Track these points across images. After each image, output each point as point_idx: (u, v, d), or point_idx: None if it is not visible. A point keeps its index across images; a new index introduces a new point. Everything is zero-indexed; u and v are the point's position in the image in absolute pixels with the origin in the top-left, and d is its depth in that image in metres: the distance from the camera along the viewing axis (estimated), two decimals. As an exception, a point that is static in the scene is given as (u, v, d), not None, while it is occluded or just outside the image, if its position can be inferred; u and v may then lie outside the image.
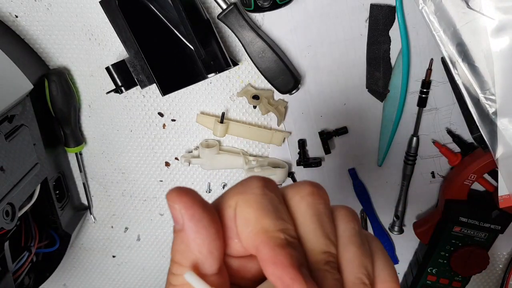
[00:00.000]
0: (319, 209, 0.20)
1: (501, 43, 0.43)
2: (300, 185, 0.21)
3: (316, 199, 0.21)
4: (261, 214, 0.19)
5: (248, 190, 0.20)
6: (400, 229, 0.62)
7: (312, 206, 0.20)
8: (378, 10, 0.48)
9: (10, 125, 0.47)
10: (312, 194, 0.21)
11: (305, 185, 0.21)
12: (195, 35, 0.47)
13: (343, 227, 0.21)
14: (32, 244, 0.56)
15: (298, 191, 0.21)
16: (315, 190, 0.21)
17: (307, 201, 0.20)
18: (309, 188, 0.21)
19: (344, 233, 0.21)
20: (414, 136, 0.55)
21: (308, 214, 0.20)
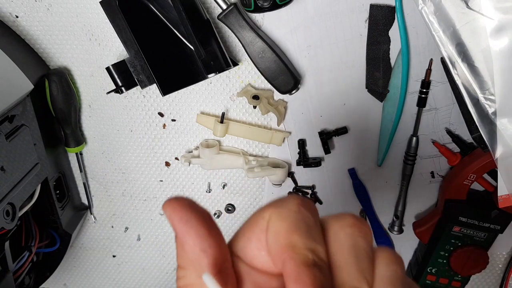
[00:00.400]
0: (358, 242, 0.19)
1: (501, 43, 0.43)
2: (343, 215, 0.20)
3: (357, 231, 0.20)
4: (292, 229, 0.19)
5: (284, 205, 0.20)
6: (399, 229, 0.62)
7: (351, 237, 0.19)
8: (378, 10, 0.48)
9: (11, 125, 0.48)
10: (354, 225, 0.20)
11: (348, 216, 0.20)
12: (195, 35, 0.47)
13: (384, 269, 0.19)
14: (33, 244, 0.56)
15: (339, 221, 0.20)
16: (358, 223, 0.20)
17: (346, 231, 0.20)
18: (352, 220, 0.20)
19: (384, 275, 0.19)
20: (413, 136, 0.55)
21: (345, 244, 0.19)
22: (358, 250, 0.19)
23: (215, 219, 0.67)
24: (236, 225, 0.66)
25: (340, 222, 0.20)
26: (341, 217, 0.20)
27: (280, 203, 0.20)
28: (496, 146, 0.46)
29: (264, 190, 0.63)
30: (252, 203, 0.64)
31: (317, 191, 0.62)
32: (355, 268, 0.19)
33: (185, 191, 0.64)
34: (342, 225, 0.20)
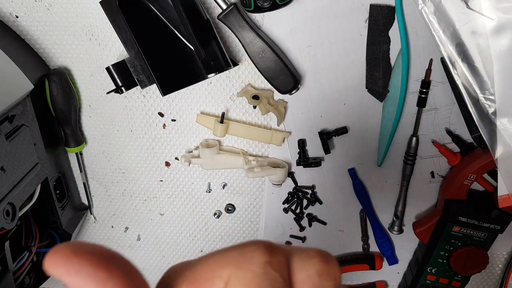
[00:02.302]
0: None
1: (501, 43, 0.43)
2: (308, 259, 0.18)
3: (325, 280, 0.18)
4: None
5: (247, 266, 0.17)
6: (399, 229, 0.62)
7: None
8: (378, 11, 0.48)
9: (11, 125, 0.48)
10: (321, 274, 0.18)
11: (314, 261, 0.18)
12: (195, 35, 0.47)
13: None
14: (33, 244, 0.56)
15: (304, 268, 0.18)
16: (325, 269, 0.18)
17: (313, 282, 0.18)
18: (318, 266, 0.18)
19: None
20: (413, 136, 0.55)
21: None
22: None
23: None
24: (236, 225, 0.66)
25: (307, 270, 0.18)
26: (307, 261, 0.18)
27: (241, 259, 0.17)
28: (496, 146, 0.46)
29: (264, 190, 0.63)
30: (252, 203, 0.64)
31: (317, 191, 0.62)
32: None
33: (185, 191, 0.64)
34: (309, 275, 0.18)
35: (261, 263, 0.17)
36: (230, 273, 0.16)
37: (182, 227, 0.68)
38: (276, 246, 0.18)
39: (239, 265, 0.17)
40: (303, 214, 0.63)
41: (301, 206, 0.63)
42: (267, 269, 0.16)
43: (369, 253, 0.66)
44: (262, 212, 0.64)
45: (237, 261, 0.17)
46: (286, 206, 0.63)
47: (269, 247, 0.17)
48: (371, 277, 0.68)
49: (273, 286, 0.16)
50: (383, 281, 0.68)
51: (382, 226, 0.63)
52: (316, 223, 0.64)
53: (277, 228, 0.65)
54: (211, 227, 0.67)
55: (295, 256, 0.18)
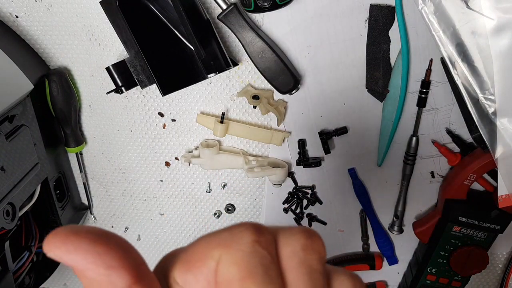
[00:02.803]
0: (312, 266, 0.18)
1: (501, 43, 0.43)
2: (293, 235, 0.19)
3: (309, 254, 0.19)
4: (247, 276, 0.17)
5: (236, 245, 0.17)
6: (399, 229, 0.62)
7: (303, 264, 0.18)
8: (378, 11, 0.48)
9: (11, 125, 0.48)
10: (305, 248, 0.19)
11: (298, 236, 0.19)
12: (195, 35, 0.47)
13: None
14: (33, 244, 0.56)
15: (290, 243, 0.19)
16: (309, 243, 0.19)
17: (299, 257, 0.18)
18: (302, 241, 0.19)
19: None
20: (413, 136, 0.55)
21: (298, 273, 0.18)
22: (312, 276, 0.18)
23: (215, 219, 0.67)
24: (236, 225, 0.66)
25: (292, 245, 0.19)
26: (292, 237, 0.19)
27: (231, 239, 0.18)
28: (496, 146, 0.46)
29: (264, 190, 0.63)
30: (252, 203, 0.64)
31: (317, 191, 0.62)
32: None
33: (185, 191, 0.64)
34: (294, 251, 0.19)
35: (250, 242, 0.17)
36: (221, 253, 0.17)
37: (182, 227, 0.68)
38: (264, 226, 0.18)
39: (229, 245, 0.17)
40: (303, 214, 0.63)
41: (301, 206, 0.63)
42: (255, 248, 0.17)
43: (369, 253, 0.66)
44: (262, 212, 0.64)
45: (227, 242, 0.18)
46: (286, 206, 0.63)
47: (256, 227, 0.18)
48: (371, 277, 0.68)
49: (262, 263, 0.17)
50: (383, 281, 0.68)
51: (382, 226, 0.63)
52: (316, 223, 0.64)
53: (277, 228, 0.65)
54: (211, 227, 0.67)
55: (281, 234, 0.19)
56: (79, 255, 0.16)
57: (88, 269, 0.16)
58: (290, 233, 0.19)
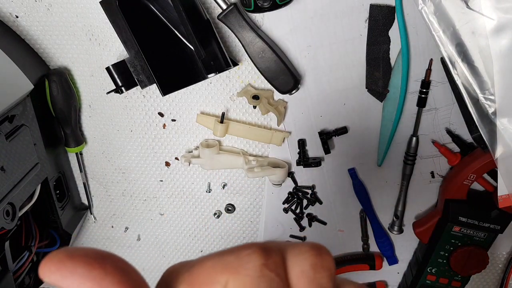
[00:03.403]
0: (322, 284, 0.18)
1: (501, 43, 0.43)
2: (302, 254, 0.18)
3: (319, 272, 0.18)
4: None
5: (244, 270, 0.17)
6: (399, 229, 0.62)
7: (313, 283, 0.18)
8: (378, 11, 0.48)
9: (11, 125, 0.48)
10: (315, 267, 0.18)
11: (307, 255, 0.18)
12: (195, 35, 0.47)
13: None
14: (33, 244, 0.56)
15: (299, 263, 0.18)
16: (318, 261, 0.18)
17: (308, 276, 0.18)
18: (311, 260, 0.18)
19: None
20: (413, 136, 0.55)
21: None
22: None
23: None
24: (236, 225, 0.66)
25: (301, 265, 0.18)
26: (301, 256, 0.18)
27: (237, 263, 0.17)
28: (496, 146, 0.46)
29: (264, 190, 0.63)
30: (252, 203, 0.64)
31: (317, 191, 0.62)
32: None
33: (185, 191, 0.64)
34: (303, 270, 0.18)
35: (257, 266, 0.17)
36: (228, 278, 0.17)
37: (182, 227, 0.68)
38: (271, 247, 0.18)
39: (236, 270, 0.17)
40: (303, 214, 0.63)
41: (301, 206, 0.63)
42: (263, 272, 0.17)
43: (369, 253, 0.66)
44: (262, 212, 0.64)
45: (234, 266, 0.17)
46: (286, 206, 0.63)
47: (264, 249, 0.18)
48: (371, 277, 0.68)
49: (271, 287, 0.17)
50: (383, 281, 0.68)
51: (382, 226, 0.63)
52: (316, 223, 0.64)
53: (277, 228, 0.65)
54: (211, 227, 0.67)
55: (289, 253, 0.18)
56: (76, 281, 0.16)
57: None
58: (299, 252, 0.18)
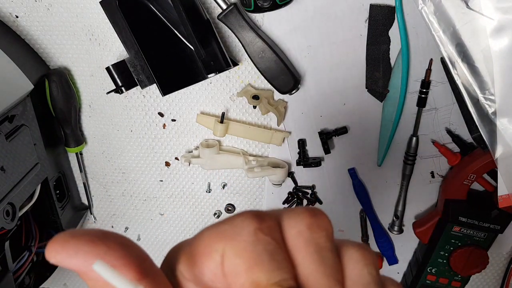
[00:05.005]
0: (319, 244, 0.18)
1: (501, 43, 0.43)
2: (297, 216, 0.19)
3: (315, 232, 0.18)
4: (253, 265, 0.17)
5: (238, 236, 0.17)
6: (399, 229, 0.62)
7: (310, 243, 0.18)
8: (378, 11, 0.48)
9: (11, 125, 0.48)
10: (311, 227, 0.18)
11: (302, 216, 0.18)
12: (195, 35, 0.47)
13: (357, 272, 0.18)
14: (33, 244, 0.56)
15: (294, 224, 0.18)
16: (314, 221, 0.18)
17: (305, 236, 0.18)
18: (307, 220, 0.18)
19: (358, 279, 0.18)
20: (413, 136, 0.55)
21: (306, 253, 0.18)
22: (321, 254, 0.18)
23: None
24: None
25: (297, 226, 0.18)
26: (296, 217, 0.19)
27: (232, 231, 0.17)
28: (496, 146, 0.46)
29: (264, 190, 0.63)
30: (252, 203, 0.64)
31: (317, 191, 0.62)
32: (322, 275, 0.18)
33: (185, 191, 0.64)
34: (299, 231, 0.18)
35: (252, 231, 0.17)
36: (225, 245, 0.17)
37: (182, 227, 0.68)
38: (264, 212, 0.18)
39: (232, 237, 0.17)
40: (303, 214, 0.63)
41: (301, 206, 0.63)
42: (258, 236, 0.17)
43: (369, 253, 0.66)
44: (262, 212, 0.64)
45: (229, 234, 0.17)
46: (286, 206, 0.63)
47: (257, 214, 0.18)
48: (371, 277, 0.68)
49: (267, 249, 0.17)
50: (383, 281, 0.68)
51: (382, 226, 0.63)
52: (316, 223, 0.64)
53: (277, 228, 0.65)
54: (211, 227, 0.67)
55: (284, 217, 0.19)
56: (80, 259, 0.16)
57: (91, 271, 0.16)
58: (294, 214, 0.19)
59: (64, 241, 0.16)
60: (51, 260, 0.16)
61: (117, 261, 0.16)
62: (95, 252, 0.16)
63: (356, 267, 0.19)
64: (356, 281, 0.18)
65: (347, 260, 0.19)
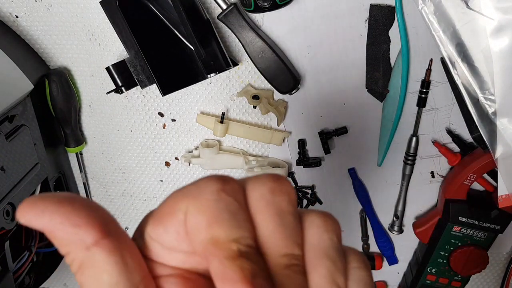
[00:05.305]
0: (281, 207, 0.18)
1: (501, 43, 0.43)
2: (260, 180, 0.19)
3: (277, 196, 0.18)
4: (213, 222, 0.17)
5: (202, 195, 0.18)
6: (399, 229, 0.62)
7: (271, 205, 0.18)
8: (378, 11, 0.48)
9: (11, 125, 0.48)
10: (273, 191, 0.18)
11: (265, 180, 0.19)
12: (195, 35, 0.47)
13: (317, 237, 0.19)
14: (33, 244, 0.56)
15: (257, 188, 0.19)
16: (276, 186, 0.19)
17: (266, 199, 0.18)
18: (269, 184, 0.19)
19: (317, 243, 0.18)
20: (413, 136, 0.55)
21: (267, 214, 0.18)
22: (280, 216, 0.18)
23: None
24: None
25: (259, 189, 0.19)
26: (259, 182, 0.19)
27: (196, 191, 0.18)
28: (496, 146, 0.46)
29: (264, 190, 0.63)
30: (252, 203, 0.64)
31: (317, 191, 0.62)
32: (280, 235, 0.18)
33: (185, 191, 0.64)
34: (262, 194, 0.18)
35: (215, 191, 0.18)
36: (188, 204, 0.18)
37: (182, 227, 0.68)
38: (229, 177, 0.19)
39: (195, 196, 0.18)
40: (303, 214, 0.63)
41: (301, 206, 0.63)
42: (221, 195, 0.18)
43: (369, 253, 0.66)
44: (262, 212, 0.64)
45: (193, 193, 0.18)
46: (286, 206, 0.63)
47: (221, 177, 0.18)
48: (371, 277, 0.68)
49: (228, 209, 0.18)
50: (383, 281, 0.68)
51: (382, 226, 0.63)
52: (316, 223, 0.64)
53: (277, 228, 0.65)
54: (211, 227, 0.67)
55: (249, 181, 0.19)
56: (46, 218, 0.17)
57: (57, 229, 0.17)
58: (257, 179, 0.19)
59: (33, 202, 0.17)
60: (21, 220, 0.17)
61: (80, 220, 0.17)
62: (60, 212, 0.17)
63: (316, 232, 0.19)
64: (316, 245, 0.19)
65: (308, 225, 0.19)
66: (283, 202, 0.19)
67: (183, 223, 0.18)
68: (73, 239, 0.17)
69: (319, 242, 0.19)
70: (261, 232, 0.18)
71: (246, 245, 0.17)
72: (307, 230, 0.19)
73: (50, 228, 0.17)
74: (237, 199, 0.18)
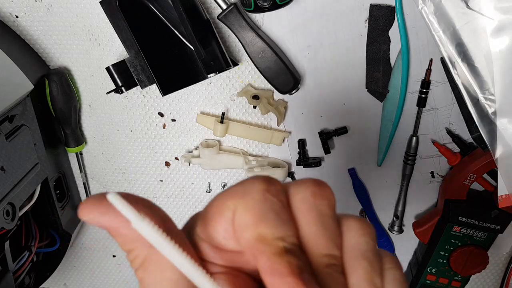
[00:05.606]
0: (322, 210, 0.20)
1: (501, 43, 0.43)
2: (303, 184, 0.20)
3: (319, 199, 0.20)
4: (259, 221, 0.18)
5: (248, 194, 0.19)
6: (399, 229, 0.62)
7: (313, 208, 0.19)
8: (378, 10, 0.48)
9: (11, 125, 0.48)
10: (315, 195, 0.20)
11: (308, 184, 0.20)
12: (195, 35, 0.47)
13: (355, 240, 0.20)
14: (33, 244, 0.56)
15: (300, 191, 0.20)
16: (318, 190, 0.20)
17: (309, 202, 0.20)
18: (312, 188, 0.20)
19: (355, 246, 0.20)
20: (413, 136, 0.55)
21: (309, 216, 0.19)
22: (322, 218, 0.19)
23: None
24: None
25: (302, 193, 0.20)
26: (302, 186, 0.20)
27: (243, 191, 0.19)
28: (496, 146, 0.46)
29: (264, 190, 0.63)
30: (252, 203, 0.64)
31: (317, 191, 0.62)
32: (322, 236, 0.19)
33: (185, 191, 0.64)
34: (304, 197, 0.20)
35: (260, 191, 0.19)
36: (236, 203, 0.19)
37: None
38: (274, 178, 0.20)
39: (242, 196, 0.19)
40: (303, 214, 0.63)
41: (301, 206, 0.63)
42: (266, 196, 0.19)
43: (369, 253, 0.66)
44: (262, 212, 0.64)
45: (240, 193, 0.19)
46: (286, 206, 0.63)
47: (267, 178, 0.20)
48: (371, 277, 0.68)
49: (273, 208, 0.19)
50: (383, 281, 0.68)
51: (382, 226, 0.63)
52: (316, 223, 0.64)
53: (277, 228, 0.65)
54: (211, 227, 0.67)
55: (292, 185, 0.20)
56: (111, 215, 0.18)
57: (121, 226, 0.18)
58: (300, 183, 0.20)
59: (97, 201, 0.18)
60: (84, 218, 0.18)
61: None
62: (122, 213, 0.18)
63: (354, 236, 0.20)
64: (354, 247, 0.20)
65: (346, 229, 0.20)
66: (324, 206, 0.20)
67: (231, 221, 0.19)
68: (138, 237, 0.18)
69: (357, 244, 0.20)
70: (303, 232, 0.19)
71: (291, 243, 0.18)
72: (345, 234, 0.20)
73: (115, 225, 0.18)
74: (281, 200, 0.19)
